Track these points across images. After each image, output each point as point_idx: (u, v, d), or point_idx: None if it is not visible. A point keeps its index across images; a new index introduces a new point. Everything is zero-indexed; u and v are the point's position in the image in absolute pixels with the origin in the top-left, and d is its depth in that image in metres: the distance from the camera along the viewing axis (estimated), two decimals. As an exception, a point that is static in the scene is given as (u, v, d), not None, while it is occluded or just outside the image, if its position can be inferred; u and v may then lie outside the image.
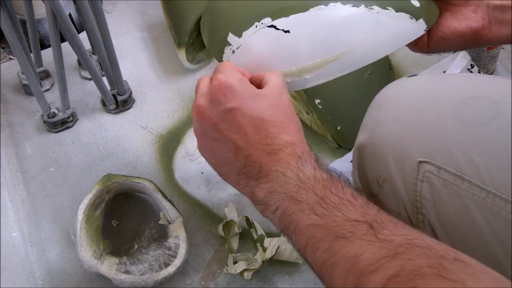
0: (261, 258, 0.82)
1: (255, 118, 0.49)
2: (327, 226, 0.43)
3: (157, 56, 1.14)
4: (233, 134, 0.50)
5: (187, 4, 1.04)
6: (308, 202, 0.45)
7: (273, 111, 0.50)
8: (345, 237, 0.41)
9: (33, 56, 1.04)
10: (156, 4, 1.20)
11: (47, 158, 0.98)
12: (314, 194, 0.45)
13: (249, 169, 0.50)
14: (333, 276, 0.41)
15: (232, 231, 0.87)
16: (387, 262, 0.38)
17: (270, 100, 0.51)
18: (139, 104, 1.06)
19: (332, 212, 0.43)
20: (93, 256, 0.79)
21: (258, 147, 0.49)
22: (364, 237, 0.41)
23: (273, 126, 0.49)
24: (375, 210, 0.44)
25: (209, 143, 0.52)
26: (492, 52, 1.00)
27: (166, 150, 0.99)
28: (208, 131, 0.51)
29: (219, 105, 0.50)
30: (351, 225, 0.42)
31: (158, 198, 0.85)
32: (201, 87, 0.53)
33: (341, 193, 0.45)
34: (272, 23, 0.55)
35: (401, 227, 0.41)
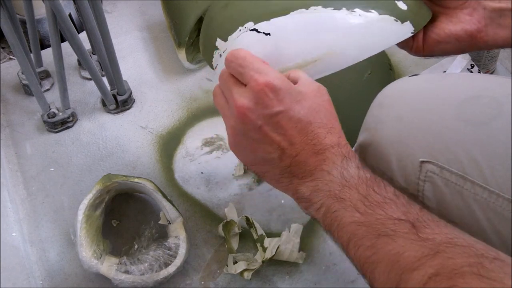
0: (261, 258, 0.82)
1: (302, 121, 0.49)
2: (370, 224, 0.44)
3: (157, 56, 1.14)
4: (278, 136, 0.50)
5: (187, 4, 1.04)
6: (351, 200, 0.46)
7: (317, 111, 0.50)
8: (387, 235, 0.42)
9: (33, 56, 1.04)
10: (156, 4, 1.20)
11: (47, 158, 0.98)
12: (358, 192, 0.46)
13: (294, 169, 0.50)
14: (375, 273, 0.42)
15: (232, 231, 0.87)
16: (428, 260, 0.39)
17: (312, 99, 0.51)
18: (139, 104, 1.06)
19: (375, 210, 0.44)
20: (93, 256, 0.79)
21: (305, 147, 0.49)
22: (406, 235, 0.41)
23: (319, 128, 0.50)
24: (417, 208, 0.44)
25: (249, 143, 0.51)
26: (492, 52, 1.00)
27: (166, 150, 0.99)
28: (250, 132, 0.50)
29: (265, 109, 0.49)
30: (394, 223, 0.43)
31: (158, 198, 0.85)
32: (231, 85, 0.51)
33: (383, 192, 0.45)
34: (254, 27, 0.57)
35: (443, 226, 0.42)
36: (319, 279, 0.82)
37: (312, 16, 0.56)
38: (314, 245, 0.86)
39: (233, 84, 0.51)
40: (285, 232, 0.86)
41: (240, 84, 0.51)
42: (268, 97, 0.49)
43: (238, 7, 0.60)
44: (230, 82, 0.52)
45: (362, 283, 0.82)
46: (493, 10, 0.57)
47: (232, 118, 0.51)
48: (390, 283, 0.40)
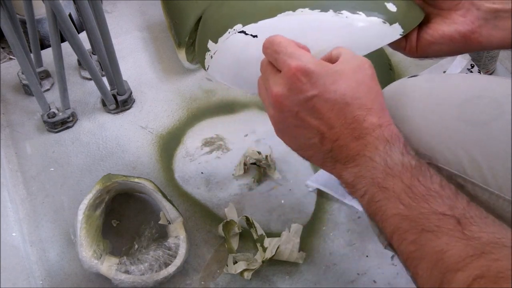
0: (261, 258, 0.82)
1: (338, 102, 0.47)
2: (414, 217, 0.42)
3: (157, 56, 1.14)
4: (315, 121, 0.48)
5: (187, 4, 1.04)
6: (394, 190, 0.44)
7: (355, 90, 0.48)
8: (431, 231, 0.41)
9: (33, 56, 1.04)
10: (156, 4, 1.20)
11: (47, 158, 0.98)
12: (401, 181, 0.44)
13: (336, 153, 0.48)
14: (418, 269, 0.41)
15: (232, 231, 0.87)
16: (473, 261, 0.38)
17: (350, 76, 0.48)
18: (139, 104, 1.06)
19: (419, 203, 0.43)
20: (93, 256, 0.79)
21: (345, 132, 0.48)
22: (451, 232, 0.40)
23: (358, 109, 0.47)
24: (464, 202, 0.42)
25: (291, 130, 0.51)
26: (492, 52, 1.00)
27: (166, 150, 0.99)
28: (288, 119, 0.50)
29: (299, 94, 0.48)
30: (438, 218, 0.41)
31: (158, 198, 0.85)
32: (269, 73, 0.51)
33: (429, 182, 0.44)
34: (242, 29, 0.58)
35: (490, 224, 0.41)
36: (319, 279, 0.82)
37: (299, 18, 0.57)
38: (314, 245, 0.86)
39: (270, 72, 0.51)
40: (285, 232, 0.86)
41: (276, 72, 0.50)
42: (301, 82, 0.48)
43: (228, 10, 0.61)
44: (267, 70, 0.51)
45: (362, 283, 0.82)
46: (487, 11, 0.56)
47: (270, 107, 0.51)
48: (433, 281, 0.40)
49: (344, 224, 0.88)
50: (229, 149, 0.98)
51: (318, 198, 0.91)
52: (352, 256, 0.84)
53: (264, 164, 0.93)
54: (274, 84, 0.49)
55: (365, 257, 0.84)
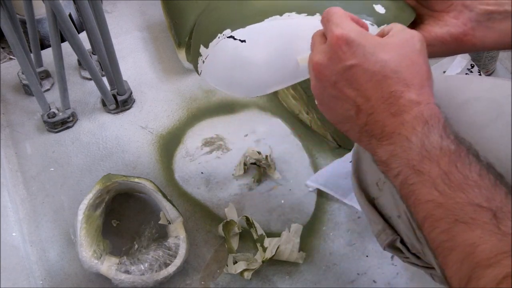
0: (261, 258, 0.82)
1: (376, 74, 0.46)
2: (448, 206, 0.41)
3: (157, 56, 1.14)
4: (352, 92, 0.47)
5: (187, 4, 1.04)
6: (430, 175, 0.43)
7: (397, 62, 0.46)
8: (465, 223, 0.40)
9: (33, 56, 1.04)
10: (156, 4, 1.20)
11: (47, 158, 0.98)
12: (438, 167, 0.43)
13: (371, 128, 0.47)
14: (447, 259, 0.41)
15: (232, 231, 0.87)
16: (505, 258, 0.37)
17: (395, 48, 0.47)
18: (139, 104, 1.06)
19: (455, 192, 0.41)
20: (93, 256, 0.79)
21: (381, 106, 0.46)
22: (486, 226, 0.39)
23: (396, 83, 0.46)
24: (503, 194, 0.41)
25: (329, 101, 0.49)
26: (492, 52, 1.00)
27: (166, 150, 0.99)
28: (327, 89, 0.48)
29: (338, 63, 0.47)
30: (474, 210, 0.40)
31: (158, 198, 0.85)
32: (316, 43, 0.50)
33: (467, 170, 0.42)
34: (231, 34, 0.58)
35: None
36: (319, 279, 0.82)
37: (286, 22, 0.57)
38: (314, 245, 0.86)
39: (316, 42, 0.50)
40: (285, 232, 0.86)
41: (322, 41, 0.49)
42: (341, 50, 0.47)
43: (218, 15, 0.62)
44: (316, 40, 0.50)
45: (362, 283, 0.82)
46: (480, 13, 0.56)
47: (312, 78, 0.50)
48: (462, 274, 0.39)
49: (344, 224, 0.88)
50: (229, 149, 0.98)
51: (318, 198, 0.91)
52: (352, 256, 0.84)
53: (264, 164, 0.93)
54: (316, 53, 0.48)
55: (365, 257, 0.84)
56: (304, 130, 1.01)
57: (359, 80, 0.46)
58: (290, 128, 1.01)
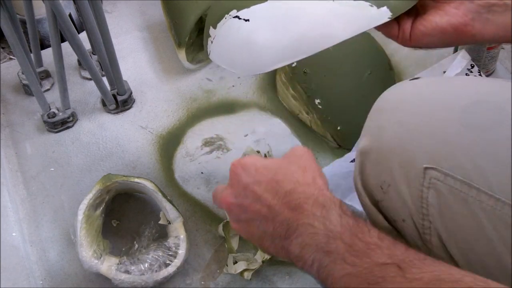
0: (261, 258, 0.82)
1: (270, 182, 0.52)
2: (359, 274, 0.44)
3: (157, 56, 1.14)
4: (256, 206, 0.52)
5: (187, 4, 1.04)
6: (338, 252, 0.46)
7: (286, 168, 0.52)
8: (376, 283, 0.43)
9: (33, 56, 1.04)
10: (156, 4, 1.20)
11: (47, 158, 0.98)
12: (342, 242, 0.46)
13: (279, 230, 0.51)
14: None
15: (232, 231, 0.87)
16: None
17: (280, 160, 0.54)
18: (139, 104, 1.06)
19: (362, 259, 0.44)
20: (93, 256, 0.79)
21: (281, 207, 0.50)
22: (394, 279, 0.42)
23: (289, 182, 0.51)
24: (402, 249, 0.44)
25: (246, 226, 0.54)
26: (492, 52, 1.00)
27: (166, 150, 0.99)
28: (240, 216, 0.54)
29: (237, 185, 0.54)
30: (380, 269, 0.43)
31: (158, 198, 0.85)
32: (220, 193, 0.56)
33: (367, 237, 0.46)
34: (236, 14, 0.62)
35: (429, 263, 0.42)
36: (319, 279, 0.82)
37: (288, 2, 0.60)
38: (314, 245, 0.86)
39: (220, 192, 0.57)
40: None
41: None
42: (236, 174, 0.54)
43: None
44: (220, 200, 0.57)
45: (362, 283, 0.82)
46: (481, 4, 0.56)
47: (227, 213, 0.58)
48: None
49: (344, 224, 0.88)
50: (229, 149, 0.98)
51: (318, 198, 0.91)
52: (352, 256, 0.84)
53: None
54: (223, 195, 0.55)
55: (365, 257, 0.84)
56: (304, 130, 1.01)
57: (258, 192, 0.52)
58: (290, 128, 1.01)
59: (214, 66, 1.12)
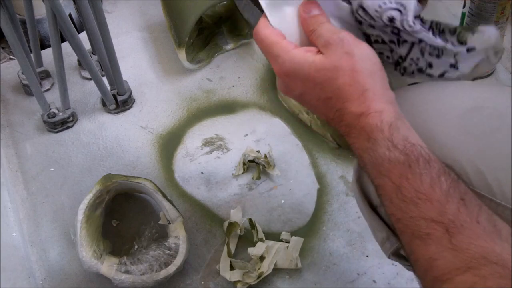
0: (257, 270, 0.81)
1: (321, 98, 0.49)
2: (405, 221, 0.43)
3: (157, 56, 1.14)
4: (311, 108, 0.52)
5: (187, 4, 1.04)
6: (386, 190, 0.44)
7: (333, 81, 0.47)
8: (420, 238, 0.41)
9: (33, 56, 1.04)
10: (156, 4, 1.20)
11: (47, 158, 0.98)
12: (391, 181, 0.44)
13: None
14: (416, 269, 0.43)
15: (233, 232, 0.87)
16: (459, 275, 0.39)
17: (329, 69, 0.48)
18: (139, 104, 1.06)
19: (408, 207, 0.42)
20: (93, 256, 0.79)
21: (335, 121, 0.49)
22: (439, 240, 0.41)
23: (337, 101, 0.48)
24: (455, 205, 0.42)
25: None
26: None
27: (166, 150, 0.99)
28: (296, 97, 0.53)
29: (290, 92, 0.52)
30: (427, 225, 0.41)
31: (158, 198, 0.85)
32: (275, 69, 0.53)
33: (418, 182, 0.43)
34: None
35: (481, 233, 0.41)
36: (319, 279, 0.82)
37: None
38: (314, 245, 0.86)
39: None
40: (282, 245, 0.84)
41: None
42: (286, 83, 0.51)
43: None
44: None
45: (362, 283, 0.82)
46: None
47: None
48: (426, 284, 0.41)
49: (344, 224, 0.88)
50: (229, 149, 0.98)
51: (318, 198, 0.91)
52: (352, 256, 0.84)
53: (263, 161, 0.93)
54: (278, 82, 0.53)
55: (365, 257, 0.84)
56: (304, 130, 1.01)
57: (312, 102, 0.50)
58: (290, 128, 1.01)
59: (214, 66, 1.12)
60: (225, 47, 1.14)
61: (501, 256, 0.39)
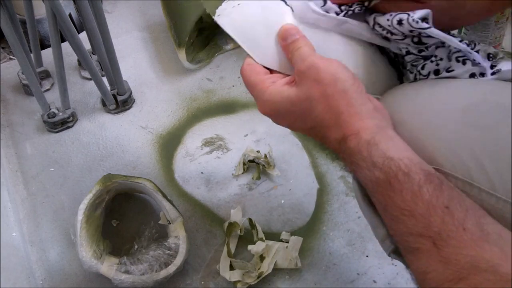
0: (257, 270, 0.81)
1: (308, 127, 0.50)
2: (396, 238, 0.44)
3: (157, 56, 1.14)
4: (306, 134, 0.53)
5: (187, 4, 1.04)
6: (377, 207, 0.45)
7: (309, 111, 0.49)
8: (411, 253, 0.42)
9: (33, 56, 1.04)
10: (156, 4, 1.20)
11: (47, 158, 0.98)
12: (377, 200, 0.45)
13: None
14: (414, 277, 0.43)
15: (233, 232, 0.87)
16: (452, 287, 0.39)
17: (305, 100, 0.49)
18: (139, 104, 1.06)
19: (396, 224, 0.44)
20: (93, 256, 0.79)
21: (326, 145, 0.50)
22: (429, 254, 0.41)
23: (320, 128, 0.49)
24: (439, 217, 0.42)
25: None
26: (492, 52, 1.00)
27: (166, 150, 0.99)
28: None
29: (281, 124, 0.53)
30: (415, 240, 0.42)
31: (158, 198, 0.85)
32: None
33: (399, 199, 0.43)
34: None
35: (467, 242, 0.41)
36: (319, 279, 0.82)
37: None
38: (314, 245, 0.86)
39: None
40: (282, 245, 0.85)
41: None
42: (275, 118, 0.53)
43: None
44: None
45: (362, 283, 0.82)
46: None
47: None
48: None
49: (344, 224, 0.88)
50: (229, 149, 0.98)
51: (318, 198, 0.91)
52: (352, 256, 0.84)
53: (263, 161, 0.93)
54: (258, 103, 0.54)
55: (365, 257, 0.84)
56: (304, 130, 1.01)
57: (302, 131, 0.52)
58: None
59: (214, 66, 1.12)
60: (225, 47, 1.14)
61: (491, 262, 0.39)
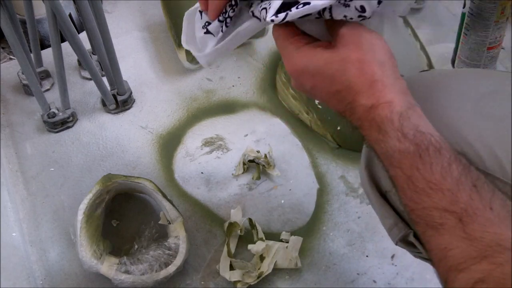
0: (257, 270, 0.81)
1: (331, 92, 0.48)
2: (418, 211, 0.42)
3: (157, 56, 1.14)
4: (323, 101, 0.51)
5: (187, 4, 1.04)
6: (398, 181, 0.44)
7: (342, 73, 0.47)
8: (434, 228, 0.41)
9: (33, 56, 1.04)
10: (156, 4, 1.20)
11: (47, 158, 0.98)
12: (402, 172, 0.43)
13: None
14: (432, 258, 0.42)
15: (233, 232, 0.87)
16: (475, 264, 0.38)
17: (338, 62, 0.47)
18: (139, 104, 1.06)
19: (420, 197, 0.42)
20: (93, 256, 0.79)
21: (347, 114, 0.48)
22: (453, 230, 0.40)
23: (348, 94, 0.47)
24: (467, 193, 0.41)
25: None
26: (492, 52, 1.00)
27: (166, 150, 0.99)
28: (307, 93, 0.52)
29: (302, 88, 0.51)
30: (440, 215, 0.41)
31: (158, 198, 0.85)
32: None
33: (428, 172, 0.42)
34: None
35: (494, 221, 0.40)
36: (319, 279, 0.82)
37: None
38: (314, 245, 0.86)
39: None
40: (282, 245, 0.84)
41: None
42: (297, 79, 0.50)
43: None
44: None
45: (362, 283, 0.82)
46: None
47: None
48: (441, 273, 0.41)
49: (344, 224, 0.88)
50: (229, 149, 0.98)
51: (318, 198, 0.91)
52: (352, 256, 0.84)
53: (263, 161, 0.93)
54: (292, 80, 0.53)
55: (365, 257, 0.84)
56: (304, 130, 1.01)
57: (323, 96, 0.49)
58: (289, 128, 1.01)
59: (214, 66, 1.12)
60: (225, 47, 1.14)
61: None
